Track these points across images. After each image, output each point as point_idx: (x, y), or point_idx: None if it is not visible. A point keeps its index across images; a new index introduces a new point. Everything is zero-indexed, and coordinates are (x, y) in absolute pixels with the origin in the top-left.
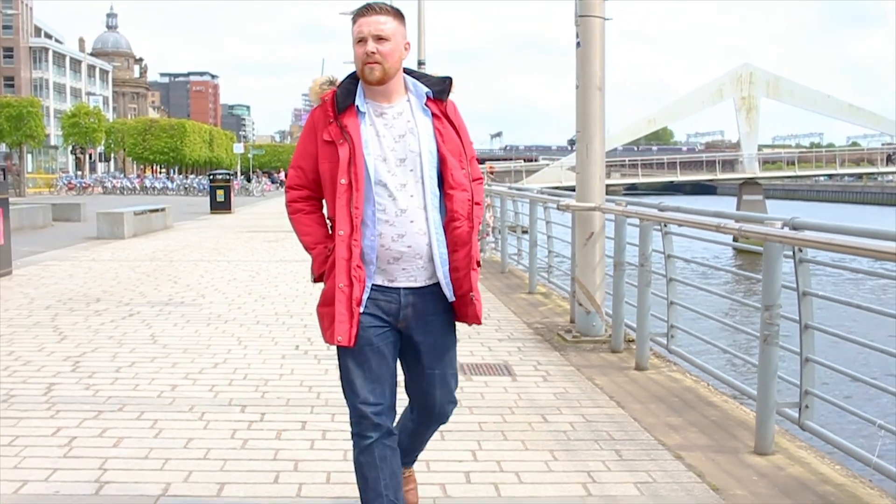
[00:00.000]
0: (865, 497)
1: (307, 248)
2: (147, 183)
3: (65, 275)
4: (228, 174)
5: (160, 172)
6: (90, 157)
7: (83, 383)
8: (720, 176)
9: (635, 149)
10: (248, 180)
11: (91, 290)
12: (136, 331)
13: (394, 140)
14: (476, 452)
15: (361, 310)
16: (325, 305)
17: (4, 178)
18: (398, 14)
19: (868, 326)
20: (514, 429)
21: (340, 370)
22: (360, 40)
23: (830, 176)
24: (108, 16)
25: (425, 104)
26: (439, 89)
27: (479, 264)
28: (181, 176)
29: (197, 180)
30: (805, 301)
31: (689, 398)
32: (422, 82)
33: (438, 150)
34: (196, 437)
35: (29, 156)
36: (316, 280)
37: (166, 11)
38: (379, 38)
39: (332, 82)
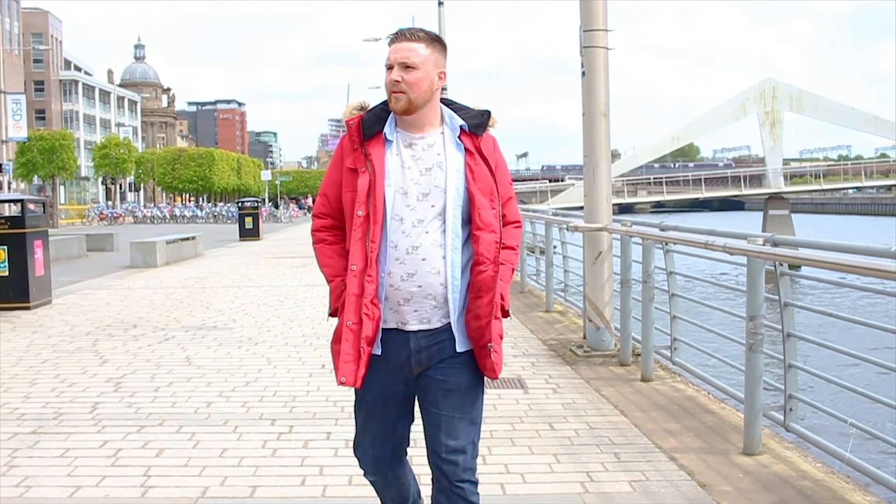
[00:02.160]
0: (839, 491)
1: (327, 280)
2: (177, 212)
3: (102, 303)
4: (256, 201)
5: (190, 201)
6: (120, 188)
7: (125, 402)
8: (745, 191)
9: (672, 165)
10: (276, 207)
11: (128, 317)
12: (171, 354)
13: (419, 173)
14: (486, 457)
15: (378, 351)
16: (336, 342)
17: (45, 212)
18: (433, 41)
19: (865, 337)
20: (522, 436)
21: (354, 409)
22: (389, 67)
23: (859, 188)
24: (136, 47)
25: (459, 138)
26: (475, 123)
27: (507, 314)
28: (210, 204)
29: (226, 208)
30: (787, 311)
31: (689, 406)
32: (460, 114)
33: (467, 188)
34: (230, 447)
35: (61, 187)
36: (332, 314)
37: (193, 41)
38: (406, 67)
39: (362, 108)
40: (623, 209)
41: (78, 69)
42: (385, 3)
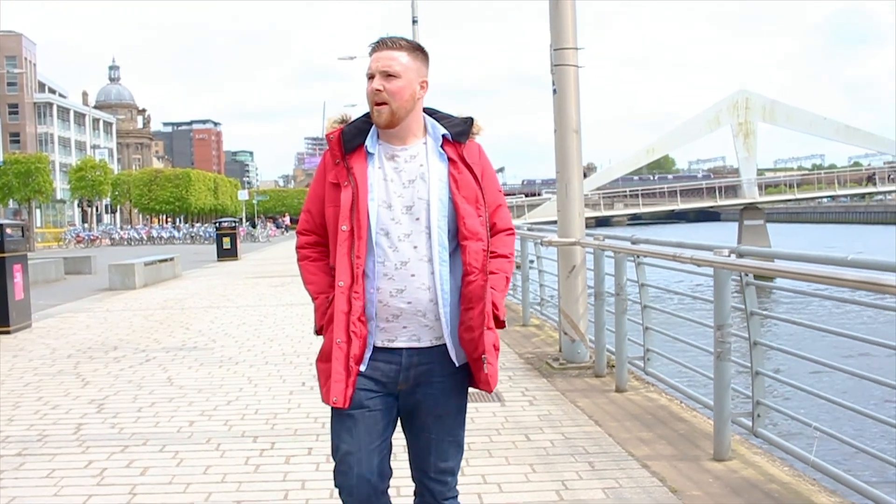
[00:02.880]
0: (805, 493)
1: (311, 297)
2: (154, 233)
3: (82, 325)
4: (234, 221)
5: (167, 222)
6: (96, 210)
7: (109, 422)
8: (720, 202)
9: (652, 178)
10: (254, 226)
11: (108, 339)
12: (153, 374)
13: (402, 185)
14: (464, 468)
15: (362, 368)
16: (323, 361)
17: (23, 236)
18: (415, 49)
19: (839, 345)
20: (498, 447)
21: (331, 433)
22: (370, 77)
23: (833, 197)
24: (111, 68)
25: (441, 147)
26: (458, 131)
27: (502, 324)
28: (187, 225)
29: (203, 228)
30: (753, 320)
31: (662, 415)
32: (443, 123)
33: (452, 199)
34: (214, 464)
35: (37, 210)
36: (318, 332)
37: (167, 61)
38: (388, 76)
39: (343, 121)
40: (600, 222)
41: (52, 91)
42: (360, 23)
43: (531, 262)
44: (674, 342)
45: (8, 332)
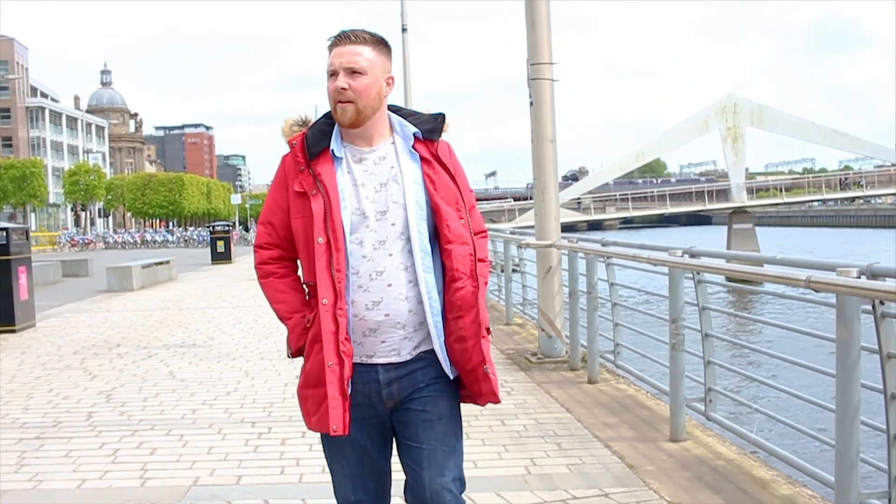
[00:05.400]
0: (747, 467)
1: (281, 319)
2: (148, 237)
3: (84, 325)
4: (228, 225)
5: (160, 226)
6: (90, 214)
7: (117, 411)
8: (709, 206)
9: (655, 181)
10: (247, 230)
11: (111, 337)
12: (156, 369)
13: (374, 190)
14: None
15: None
16: (310, 387)
17: (27, 239)
18: (379, 42)
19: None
20: (476, 431)
21: (331, 464)
22: (332, 74)
23: (823, 201)
24: (103, 72)
25: (413, 147)
26: (429, 128)
27: (488, 331)
28: (181, 228)
29: (196, 232)
30: (704, 314)
31: (628, 403)
32: (410, 121)
33: (430, 200)
34: (216, 445)
35: (32, 214)
36: (294, 355)
37: (159, 65)
38: (352, 72)
39: (304, 123)
40: (592, 226)
41: (44, 96)
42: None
43: (516, 263)
44: (641, 336)
45: (14, 331)
